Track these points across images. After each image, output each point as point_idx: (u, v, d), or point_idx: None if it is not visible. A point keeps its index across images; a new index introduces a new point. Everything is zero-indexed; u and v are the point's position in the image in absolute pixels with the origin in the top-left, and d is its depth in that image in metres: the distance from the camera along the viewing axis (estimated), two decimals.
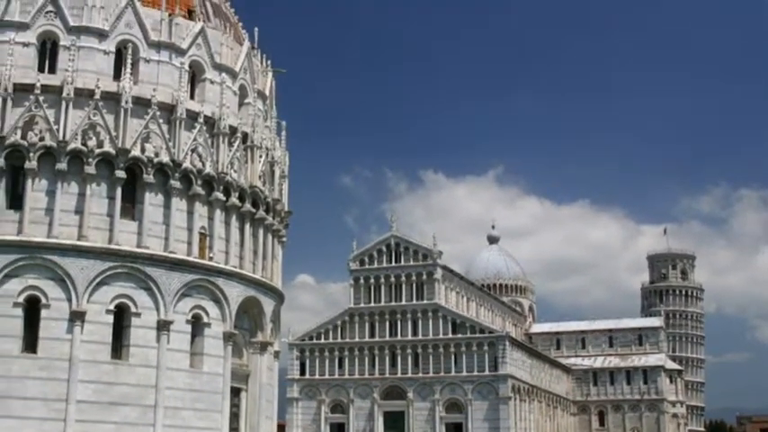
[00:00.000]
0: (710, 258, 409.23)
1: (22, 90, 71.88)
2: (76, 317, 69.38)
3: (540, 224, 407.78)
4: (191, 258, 74.79)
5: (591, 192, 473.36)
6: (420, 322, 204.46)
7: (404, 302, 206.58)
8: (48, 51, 74.52)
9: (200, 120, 76.68)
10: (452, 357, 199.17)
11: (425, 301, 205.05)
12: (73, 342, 69.21)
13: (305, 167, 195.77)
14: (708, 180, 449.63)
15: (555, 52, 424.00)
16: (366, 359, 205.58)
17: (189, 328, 73.88)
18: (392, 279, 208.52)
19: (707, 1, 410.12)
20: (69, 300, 69.53)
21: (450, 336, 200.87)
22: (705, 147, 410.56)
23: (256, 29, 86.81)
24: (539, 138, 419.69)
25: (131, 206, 73.66)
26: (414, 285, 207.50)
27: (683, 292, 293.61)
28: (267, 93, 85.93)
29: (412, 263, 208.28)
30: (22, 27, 73.78)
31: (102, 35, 75.08)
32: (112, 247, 71.61)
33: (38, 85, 72.17)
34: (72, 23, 74.36)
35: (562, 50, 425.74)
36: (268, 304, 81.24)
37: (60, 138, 71.27)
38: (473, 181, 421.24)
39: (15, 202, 71.17)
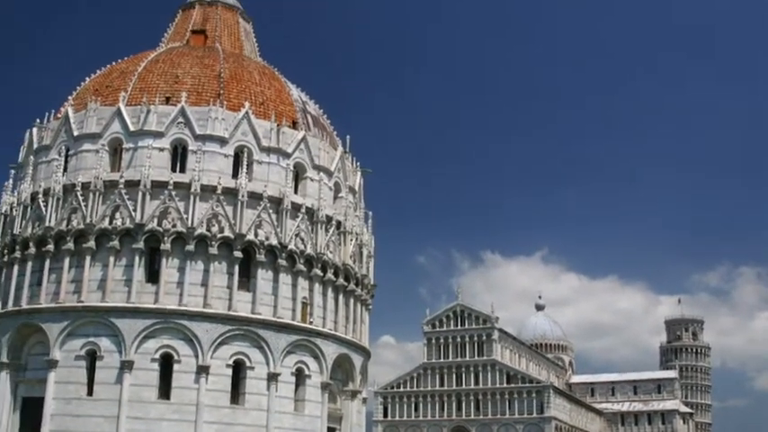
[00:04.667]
0: (716, 323, 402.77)
1: (158, 186, 71.45)
2: (202, 370, 68.46)
3: (577, 295, 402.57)
4: (295, 322, 73.48)
5: (619, 269, 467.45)
6: (480, 374, 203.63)
7: (467, 358, 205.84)
8: (179, 154, 74.06)
9: (303, 210, 75.82)
10: (507, 403, 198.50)
11: (485, 357, 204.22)
12: (199, 390, 68.27)
13: (388, 249, 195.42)
14: (714, 260, 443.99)
15: (592, 153, 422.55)
16: (437, 404, 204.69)
17: (293, 379, 72.65)
18: (458, 339, 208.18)
19: (707, 110, 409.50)
20: (196, 356, 68.72)
21: (505, 385, 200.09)
22: (711, 233, 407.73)
23: (348, 136, 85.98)
24: (577, 225, 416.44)
25: (246, 280, 72.77)
26: (475, 344, 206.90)
27: (694, 350, 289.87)
28: (357, 188, 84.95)
29: (474, 326, 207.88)
30: (158, 135, 73.46)
31: (222, 141, 74.57)
32: (231, 313, 70.61)
33: (171, 182, 71.64)
34: (198, 132, 73.92)
35: (598, 153, 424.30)
36: (357, 360, 79.82)
37: (189, 225, 70.67)
38: (523, 260, 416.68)
39: (152, 276, 70.58)
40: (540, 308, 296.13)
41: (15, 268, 73.72)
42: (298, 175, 78.11)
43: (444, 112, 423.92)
